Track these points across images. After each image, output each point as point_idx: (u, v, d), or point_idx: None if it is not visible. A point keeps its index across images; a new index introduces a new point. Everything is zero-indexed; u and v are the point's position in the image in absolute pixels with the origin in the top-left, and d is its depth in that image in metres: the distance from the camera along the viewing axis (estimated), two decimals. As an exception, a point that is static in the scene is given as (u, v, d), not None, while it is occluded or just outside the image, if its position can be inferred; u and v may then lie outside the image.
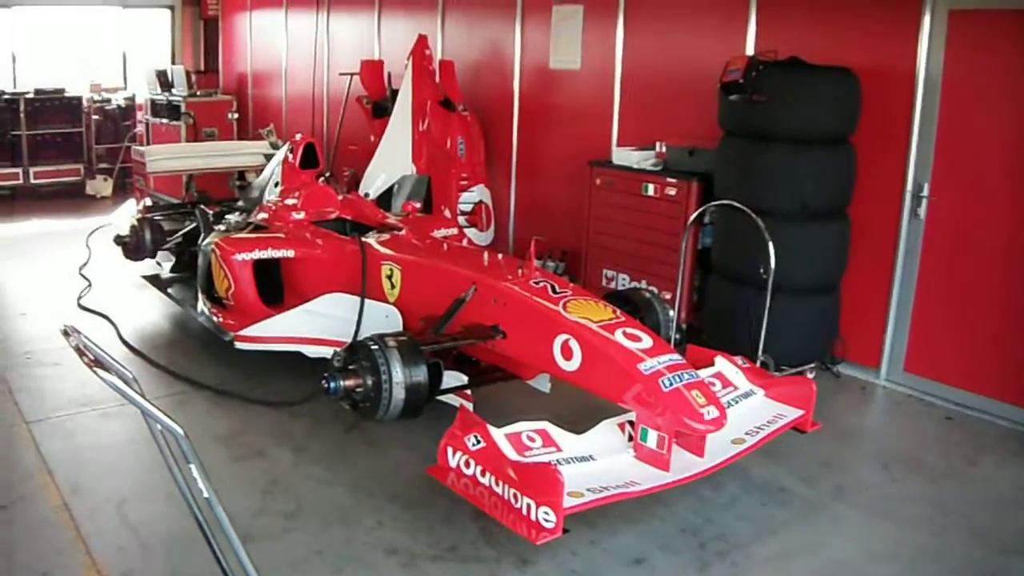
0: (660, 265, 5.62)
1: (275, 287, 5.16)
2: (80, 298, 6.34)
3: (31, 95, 10.39)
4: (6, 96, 10.22)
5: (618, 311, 3.80)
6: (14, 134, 10.21)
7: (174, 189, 8.74)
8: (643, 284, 5.85)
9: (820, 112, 4.79)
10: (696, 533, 3.54)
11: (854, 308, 5.28)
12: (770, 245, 4.61)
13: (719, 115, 5.15)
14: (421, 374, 3.62)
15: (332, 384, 3.60)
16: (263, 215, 5.48)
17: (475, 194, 7.60)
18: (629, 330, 3.62)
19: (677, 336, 5.36)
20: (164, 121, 10.10)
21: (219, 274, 5.02)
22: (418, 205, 5.78)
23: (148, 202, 7.64)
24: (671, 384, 3.38)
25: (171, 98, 10.09)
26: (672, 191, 5.67)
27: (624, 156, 6.09)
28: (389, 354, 3.59)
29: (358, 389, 3.61)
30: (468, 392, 4.10)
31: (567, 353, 3.64)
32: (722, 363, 4.02)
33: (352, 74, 8.46)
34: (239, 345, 4.84)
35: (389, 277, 4.59)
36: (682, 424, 3.29)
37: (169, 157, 7.49)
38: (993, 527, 3.69)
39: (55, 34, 11.33)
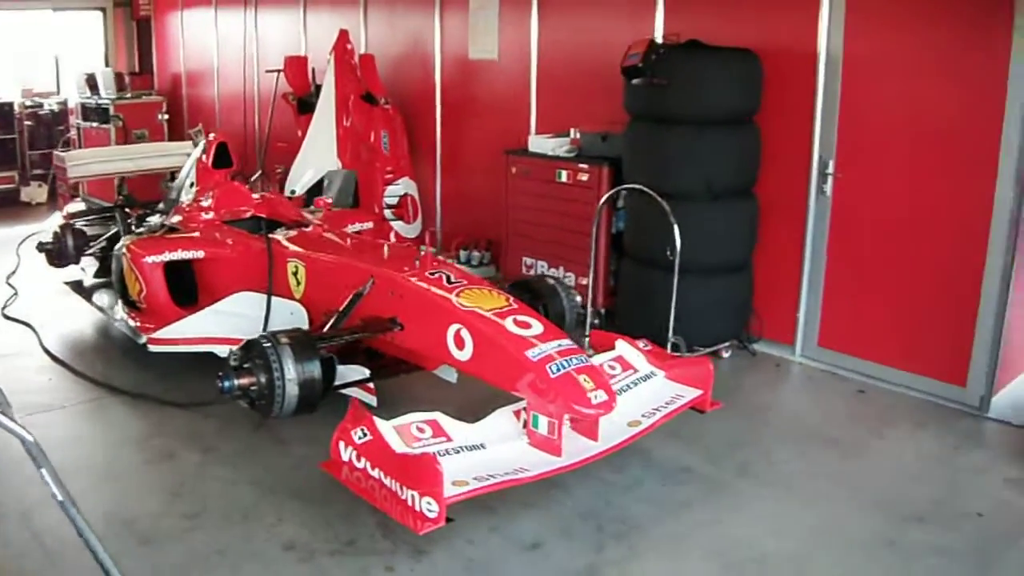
0: (577, 251, 5.63)
1: (191, 288, 5.12)
2: (4, 307, 6.25)
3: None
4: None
5: (512, 299, 3.81)
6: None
7: (108, 193, 8.63)
8: (560, 271, 5.91)
9: (720, 93, 4.84)
10: (595, 517, 3.57)
11: (768, 286, 5.36)
12: (675, 227, 4.65)
13: (624, 100, 5.19)
14: (314, 370, 3.63)
15: (226, 383, 3.59)
16: (177, 217, 5.43)
17: (400, 187, 7.60)
18: (520, 317, 3.64)
19: (596, 321, 5.43)
20: (94, 125, 9.94)
21: (131, 277, 4.97)
22: (329, 200, 5.74)
23: (73, 208, 7.53)
24: (559, 369, 3.40)
25: (99, 101, 9.95)
26: (584, 176, 5.70)
27: (540, 144, 6.11)
28: (281, 351, 3.58)
29: (252, 387, 3.60)
30: (370, 385, 4.10)
31: (459, 343, 3.65)
32: (623, 346, 4.06)
33: (278, 71, 8.40)
34: (152, 348, 4.80)
35: (295, 274, 4.58)
36: (570, 409, 3.31)
37: (91, 161, 7.38)
38: (895, 498, 3.75)
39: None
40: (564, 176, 5.82)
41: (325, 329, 4.01)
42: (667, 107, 4.91)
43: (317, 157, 7.78)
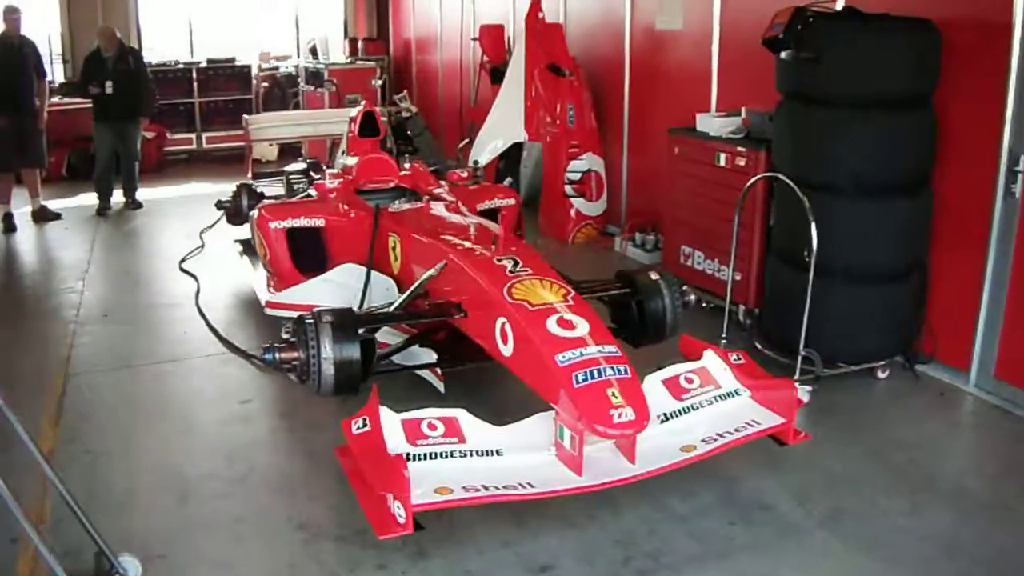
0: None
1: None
2: (183, 260, 6.77)
3: (204, 64, 11.24)
4: (181, 66, 11.12)
5: (571, 294, 3.45)
6: (188, 102, 11.10)
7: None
8: (716, 264, 5.38)
9: (880, 70, 4.07)
10: (629, 546, 3.16)
11: (943, 299, 4.52)
12: (812, 224, 4.04)
13: (776, 76, 4.55)
14: (351, 352, 3.53)
15: (268, 355, 3.58)
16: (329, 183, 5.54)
17: (584, 162, 7.31)
18: (568, 316, 3.28)
19: (748, 322, 5.04)
20: (312, 88, 10.55)
21: (259, 240, 5.14)
22: (464, 175, 5.59)
23: (292, 167, 7.86)
24: (587, 379, 3.02)
25: (317, 66, 10.51)
26: (742, 161, 5.11)
27: (706, 123, 5.55)
28: (321, 329, 3.52)
29: (294, 362, 3.56)
30: (438, 370, 3.93)
31: (504, 337, 3.37)
32: (710, 358, 3.56)
33: (474, 39, 8.38)
34: (267, 311, 4.93)
35: (393, 248, 4.50)
36: (588, 425, 2.93)
37: (270, 125, 7.77)
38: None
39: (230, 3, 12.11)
40: (722, 159, 5.25)
41: (392, 308, 3.90)
42: (816, 86, 4.22)
43: (504, 128, 7.73)
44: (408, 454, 2.98)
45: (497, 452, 3.10)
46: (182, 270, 6.56)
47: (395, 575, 3.02)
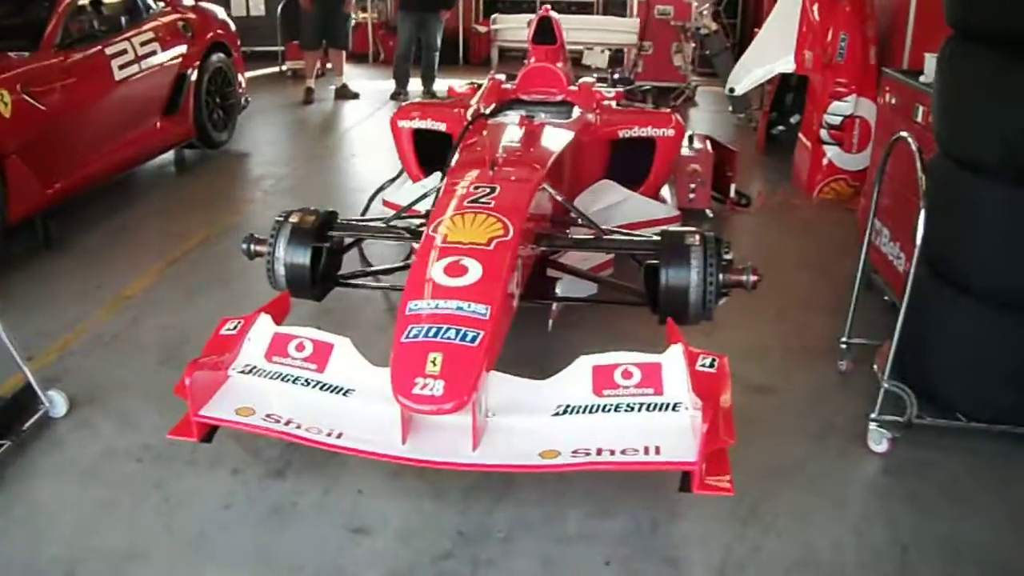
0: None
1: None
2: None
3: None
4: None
5: (501, 239, 2.90)
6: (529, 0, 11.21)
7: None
8: (896, 248, 4.22)
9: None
10: (462, 543, 2.67)
11: None
12: (921, 213, 2.96)
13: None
14: (301, 257, 3.42)
15: (244, 245, 3.58)
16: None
17: (848, 105, 6.09)
18: (466, 261, 2.77)
19: None
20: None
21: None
22: (610, 94, 4.96)
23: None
24: (415, 335, 2.55)
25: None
26: (935, 119, 3.85)
27: (929, 64, 4.25)
28: (281, 229, 3.44)
29: (260, 256, 3.52)
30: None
31: None
32: (672, 356, 2.78)
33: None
34: (384, 208, 4.90)
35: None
36: (393, 388, 2.49)
37: (519, 27, 7.50)
38: None
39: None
40: (920, 114, 4.04)
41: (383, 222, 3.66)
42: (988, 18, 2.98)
43: (770, 54, 6.73)
44: (250, 367, 2.82)
45: (345, 392, 2.77)
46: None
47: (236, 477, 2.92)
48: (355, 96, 9.02)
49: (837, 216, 5.75)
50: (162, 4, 6.29)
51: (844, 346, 3.74)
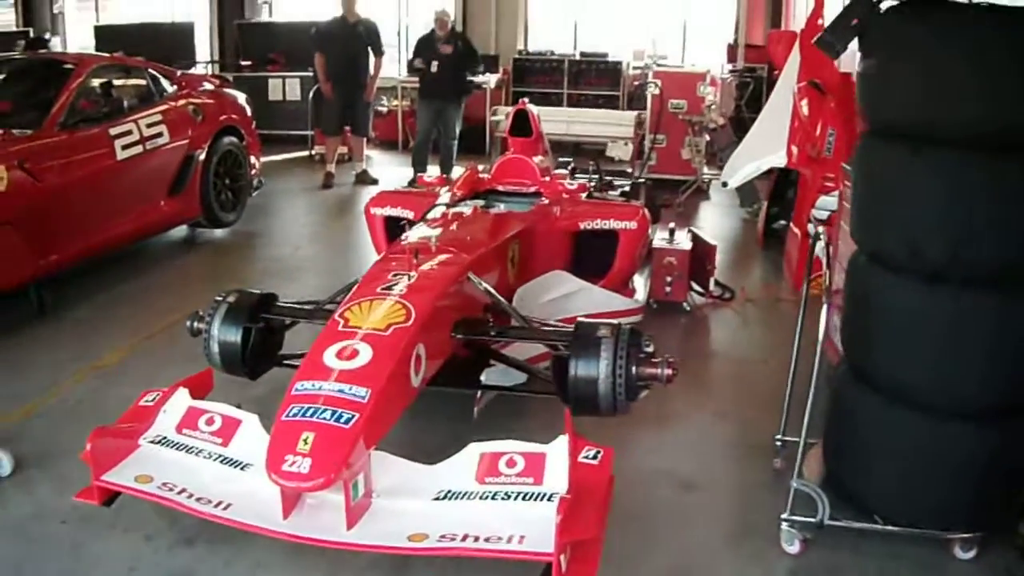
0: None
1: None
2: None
3: (576, 58, 11.59)
4: (555, 57, 11.62)
5: (394, 325, 2.99)
6: (558, 92, 11.55)
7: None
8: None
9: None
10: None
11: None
12: (823, 310, 2.97)
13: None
14: (233, 335, 3.54)
15: (188, 322, 3.71)
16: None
17: (835, 200, 6.09)
18: (359, 346, 2.87)
19: None
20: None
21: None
22: (572, 185, 5.08)
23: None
24: (295, 415, 2.65)
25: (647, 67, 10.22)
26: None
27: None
28: (218, 308, 3.59)
29: (199, 333, 3.67)
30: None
31: None
32: (558, 447, 2.81)
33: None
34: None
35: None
36: (267, 464, 2.58)
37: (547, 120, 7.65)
38: None
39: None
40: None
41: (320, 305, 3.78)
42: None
43: (763, 149, 6.82)
44: (160, 437, 2.95)
45: (243, 466, 2.87)
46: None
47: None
48: (374, 182, 9.31)
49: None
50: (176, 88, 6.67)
51: (779, 443, 3.71)
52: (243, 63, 11.75)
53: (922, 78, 2.81)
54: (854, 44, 3.05)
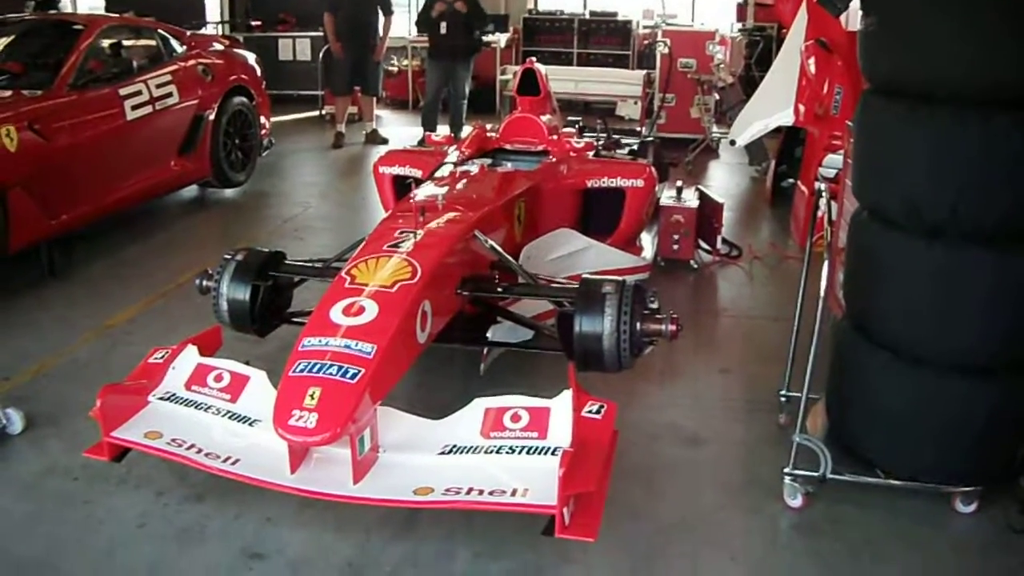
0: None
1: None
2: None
3: (587, 16, 11.48)
4: (565, 16, 11.50)
5: (400, 282, 3.02)
6: (568, 51, 11.46)
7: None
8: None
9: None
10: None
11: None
12: (824, 265, 2.98)
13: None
14: (241, 293, 3.57)
15: (197, 280, 3.76)
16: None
17: (842, 158, 6.07)
18: (365, 302, 2.91)
19: None
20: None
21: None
22: (580, 143, 5.07)
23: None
24: (301, 370, 2.69)
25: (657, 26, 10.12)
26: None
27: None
28: (227, 266, 3.62)
29: (209, 291, 3.71)
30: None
31: None
32: (562, 402, 2.86)
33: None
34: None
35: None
36: (274, 419, 2.63)
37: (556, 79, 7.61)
38: None
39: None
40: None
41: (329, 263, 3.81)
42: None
43: (770, 107, 6.74)
44: (169, 394, 3.00)
45: (251, 422, 2.93)
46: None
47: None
48: (384, 141, 9.30)
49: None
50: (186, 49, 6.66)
51: (783, 399, 3.74)
52: (253, 23, 11.72)
53: (916, 35, 2.80)
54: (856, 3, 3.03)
